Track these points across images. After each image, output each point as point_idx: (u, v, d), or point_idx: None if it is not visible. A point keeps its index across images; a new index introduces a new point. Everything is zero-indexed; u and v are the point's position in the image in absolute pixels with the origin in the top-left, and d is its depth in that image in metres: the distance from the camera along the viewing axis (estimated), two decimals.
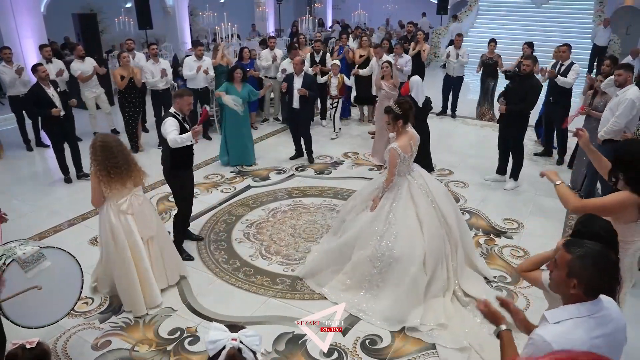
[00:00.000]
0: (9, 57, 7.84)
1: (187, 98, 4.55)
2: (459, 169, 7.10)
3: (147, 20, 13.76)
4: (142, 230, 3.95)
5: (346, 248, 4.26)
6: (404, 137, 4.11)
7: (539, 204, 5.95)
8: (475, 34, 18.16)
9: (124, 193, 3.84)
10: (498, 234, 5.28)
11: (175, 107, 4.58)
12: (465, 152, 7.83)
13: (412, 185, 4.16)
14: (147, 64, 7.87)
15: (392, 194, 4.17)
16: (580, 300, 1.85)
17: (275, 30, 19.14)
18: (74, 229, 5.50)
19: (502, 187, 6.44)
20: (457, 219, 4.32)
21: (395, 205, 4.12)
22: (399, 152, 4.03)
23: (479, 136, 8.77)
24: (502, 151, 6.47)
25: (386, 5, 20.58)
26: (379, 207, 4.19)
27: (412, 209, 4.09)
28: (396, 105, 4.12)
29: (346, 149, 8.03)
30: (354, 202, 4.62)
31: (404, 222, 4.04)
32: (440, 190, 4.36)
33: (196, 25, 18.71)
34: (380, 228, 4.07)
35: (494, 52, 9.10)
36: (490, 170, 6.86)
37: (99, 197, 3.80)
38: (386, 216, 4.10)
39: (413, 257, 3.93)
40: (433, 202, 4.15)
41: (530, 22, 17.57)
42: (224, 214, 5.77)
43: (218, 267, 4.71)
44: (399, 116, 4.08)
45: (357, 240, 4.19)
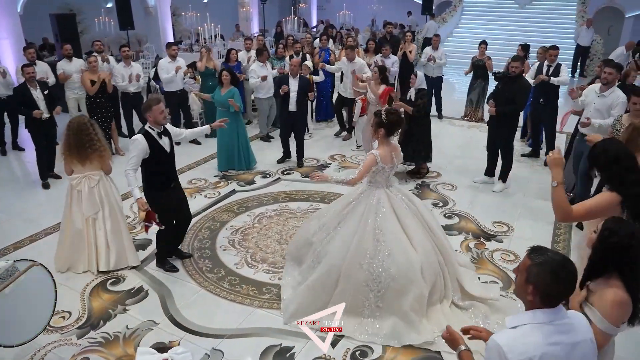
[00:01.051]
0: None
1: (156, 108, 4.01)
2: (447, 171, 7.02)
3: (129, 20, 13.46)
4: (85, 208, 4.51)
5: (329, 277, 3.83)
6: (385, 147, 3.88)
7: (528, 206, 5.89)
8: (459, 35, 18.21)
9: (81, 171, 4.50)
10: (488, 237, 5.19)
11: (150, 122, 4.09)
12: (452, 154, 7.76)
13: (393, 198, 3.93)
14: (118, 67, 7.63)
15: (373, 208, 3.86)
16: (538, 307, 1.86)
17: (259, 31, 18.96)
18: (50, 239, 5.27)
19: (491, 189, 6.37)
20: (439, 227, 4.21)
21: (380, 220, 3.81)
22: (378, 160, 3.79)
23: (465, 137, 8.72)
24: (491, 153, 6.41)
25: (371, 6, 20.51)
26: (362, 225, 3.83)
27: (397, 223, 3.85)
28: (385, 113, 3.89)
29: (332, 151, 7.91)
30: (320, 221, 4.22)
31: (394, 237, 3.77)
32: (420, 201, 4.23)
33: (179, 26, 18.42)
34: (370, 247, 3.74)
35: (484, 53, 9.06)
36: (478, 172, 6.80)
37: (67, 169, 4.57)
38: (373, 233, 3.77)
39: (412, 272, 3.69)
40: (417, 214, 3.97)
41: (514, 22, 17.68)
42: (208, 220, 5.60)
43: (202, 276, 4.54)
44: (383, 125, 3.84)
45: (343, 266, 3.79)
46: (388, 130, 3.85)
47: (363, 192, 3.97)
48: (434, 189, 6.42)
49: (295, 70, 6.95)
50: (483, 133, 8.75)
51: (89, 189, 4.49)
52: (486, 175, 6.55)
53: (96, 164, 4.51)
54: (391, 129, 3.86)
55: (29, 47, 8.08)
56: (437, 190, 6.38)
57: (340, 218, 4.01)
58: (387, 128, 3.84)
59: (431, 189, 6.42)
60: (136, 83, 7.54)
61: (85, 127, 4.40)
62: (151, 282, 4.45)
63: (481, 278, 4.44)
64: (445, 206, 5.93)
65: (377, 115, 3.92)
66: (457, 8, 18.83)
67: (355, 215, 3.91)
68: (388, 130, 3.85)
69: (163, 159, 4.17)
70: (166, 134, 4.23)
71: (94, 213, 4.52)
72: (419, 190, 6.37)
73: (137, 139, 4.03)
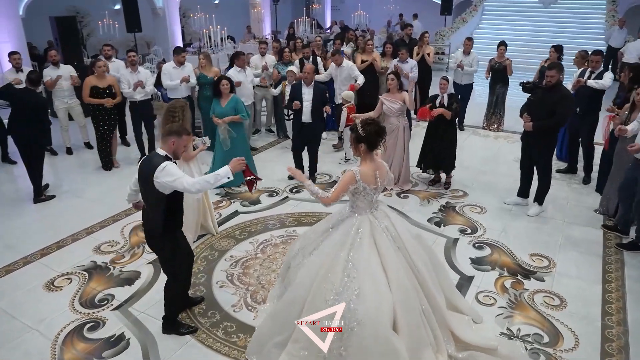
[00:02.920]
0: None
1: (186, 138, 3.39)
2: (474, 190, 6.30)
3: (136, 22, 13.00)
4: None
5: (292, 308, 3.35)
6: (369, 164, 3.34)
7: (570, 235, 5.15)
8: (480, 36, 17.41)
9: None
10: (526, 274, 4.47)
11: (167, 148, 3.33)
12: (478, 169, 7.03)
13: (375, 228, 3.37)
14: (124, 74, 7.06)
15: (349, 238, 3.34)
16: None
17: (271, 33, 18.38)
18: (29, 268, 4.70)
19: (525, 212, 5.64)
20: (431, 265, 3.58)
21: (354, 253, 3.28)
22: (357, 178, 3.26)
23: (492, 149, 7.98)
24: (525, 172, 5.68)
25: (387, 6, 19.75)
26: (333, 255, 3.32)
27: (375, 257, 3.29)
28: (361, 125, 3.32)
29: (345, 165, 7.23)
30: (302, 242, 3.71)
31: (367, 274, 3.20)
32: (410, 234, 3.56)
33: (189, 28, 17.93)
34: (337, 282, 3.20)
35: (503, 55, 8.33)
36: (508, 191, 6.08)
37: None
38: (344, 266, 3.25)
39: (381, 318, 3.11)
40: (401, 248, 3.39)
41: (538, 23, 16.83)
42: (205, 249, 4.97)
43: (194, 320, 3.90)
44: (361, 139, 3.30)
45: (307, 299, 3.28)
46: (370, 144, 3.31)
47: (344, 219, 3.47)
48: (460, 212, 5.71)
49: (309, 78, 6.29)
50: (511, 144, 8.11)
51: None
52: (519, 197, 5.83)
53: None
54: (373, 142, 3.32)
55: (15, 52, 7.57)
56: (464, 214, 5.67)
57: (316, 244, 3.54)
58: (368, 142, 3.30)
59: (457, 212, 5.72)
60: (142, 90, 6.95)
61: (174, 109, 4.51)
62: (134, 328, 3.83)
63: (522, 329, 3.75)
64: (474, 233, 5.22)
65: (353, 130, 3.36)
66: (477, 8, 18.01)
67: (329, 243, 3.43)
68: (370, 144, 3.31)
69: (180, 195, 3.45)
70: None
71: None
72: (443, 214, 5.67)
73: (168, 163, 3.24)
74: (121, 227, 5.42)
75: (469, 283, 4.35)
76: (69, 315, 4.00)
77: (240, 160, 3.32)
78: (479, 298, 4.13)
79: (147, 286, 4.37)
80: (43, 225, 5.52)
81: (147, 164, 3.30)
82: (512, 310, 3.97)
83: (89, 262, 4.77)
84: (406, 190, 6.28)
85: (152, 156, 3.35)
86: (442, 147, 6.09)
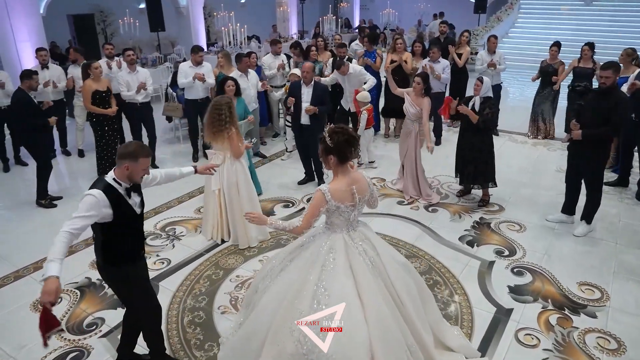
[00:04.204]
0: None
1: (143, 162, 2.79)
2: (511, 205, 5.65)
3: (159, 21, 12.78)
4: (213, 181, 4.77)
5: (254, 337, 2.92)
6: (341, 180, 2.91)
7: (625, 260, 4.47)
8: (516, 35, 16.58)
9: (214, 147, 4.73)
10: (575, 309, 3.83)
11: (120, 173, 2.78)
12: (516, 180, 6.37)
13: (351, 250, 2.93)
14: (121, 74, 6.64)
15: (321, 258, 2.90)
16: None
17: (297, 32, 17.96)
18: (19, 285, 4.33)
19: (571, 232, 4.97)
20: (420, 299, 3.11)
21: (326, 275, 2.84)
22: (328, 197, 2.83)
23: (531, 158, 7.28)
24: (572, 186, 5.02)
25: (418, 4, 19.03)
26: (302, 278, 2.88)
27: (351, 283, 2.84)
28: (329, 134, 2.87)
29: (370, 173, 6.68)
30: (273, 263, 3.25)
31: (340, 301, 2.75)
32: (394, 261, 3.08)
33: (214, 27, 17.67)
34: (306, 310, 2.76)
35: (556, 57, 7.60)
36: (551, 206, 5.44)
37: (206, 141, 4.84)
38: (313, 291, 2.80)
39: (354, 354, 2.66)
40: (382, 275, 2.94)
41: (579, 21, 15.87)
42: (210, 266, 4.51)
43: (188, 354, 3.43)
44: (330, 150, 2.87)
45: (270, 329, 2.85)
46: (340, 155, 2.88)
47: (316, 236, 3.05)
48: (496, 230, 5.09)
49: (308, 77, 5.84)
50: (552, 153, 7.40)
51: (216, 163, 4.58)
52: (564, 213, 5.16)
53: (223, 144, 4.63)
54: (344, 152, 2.88)
55: (42, 48, 7.33)
56: (500, 232, 5.04)
57: (284, 265, 3.10)
58: (337, 153, 2.87)
59: (493, 230, 5.09)
60: (143, 92, 6.56)
61: (219, 106, 4.52)
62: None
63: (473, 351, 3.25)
64: (512, 256, 4.59)
65: (321, 141, 2.91)
66: (513, 6, 17.16)
67: (297, 264, 3.01)
68: (340, 155, 2.88)
69: (130, 223, 2.89)
70: (137, 189, 2.92)
71: (216, 188, 4.76)
72: (477, 231, 5.06)
73: (92, 196, 2.67)
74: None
75: (507, 317, 3.74)
76: (52, 342, 3.52)
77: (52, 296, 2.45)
78: (519, 337, 3.53)
79: None
80: (41, 235, 5.15)
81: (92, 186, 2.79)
82: (559, 354, 3.35)
83: (83, 278, 4.37)
84: (435, 203, 5.69)
85: (98, 179, 2.85)
86: (477, 158, 5.40)
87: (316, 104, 5.82)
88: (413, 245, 4.80)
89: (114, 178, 2.78)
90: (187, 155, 7.51)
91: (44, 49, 7.31)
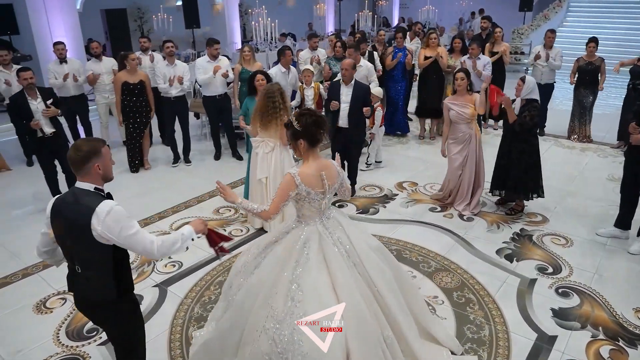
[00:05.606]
0: (6, 61, 6.72)
1: (106, 150, 2.35)
2: (556, 215, 5.12)
3: (195, 18, 12.73)
4: (258, 171, 4.71)
5: (230, 336, 2.83)
6: (311, 164, 2.83)
7: None
8: (565, 34, 15.69)
9: (262, 135, 4.66)
10: (632, 340, 3.32)
11: (93, 177, 2.30)
12: (562, 188, 5.80)
13: (325, 241, 2.83)
14: (160, 67, 6.50)
15: (295, 253, 2.80)
16: None
17: (334, 31, 17.65)
18: (25, 283, 4.16)
19: (625, 249, 4.42)
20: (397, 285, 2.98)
21: (300, 271, 2.74)
22: (297, 181, 2.73)
23: (579, 164, 6.66)
24: (628, 196, 4.46)
25: (460, 2, 18.34)
26: (275, 275, 2.78)
27: (325, 277, 2.75)
28: (296, 117, 2.78)
29: (401, 176, 6.25)
30: (246, 258, 3.08)
31: (315, 298, 2.66)
32: (369, 247, 2.97)
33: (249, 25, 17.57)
34: (280, 307, 2.67)
35: (594, 54, 7.00)
36: (602, 218, 4.89)
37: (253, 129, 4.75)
38: (287, 288, 2.71)
39: (331, 351, 2.54)
40: (357, 265, 2.86)
41: (633, 19, 14.87)
42: (223, 272, 4.21)
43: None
44: (299, 134, 2.77)
45: (244, 328, 2.76)
46: (310, 138, 2.79)
47: (289, 231, 2.94)
48: (539, 243, 4.58)
49: (348, 75, 5.35)
50: (603, 159, 6.78)
51: (262, 154, 4.68)
52: (617, 228, 4.60)
53: (275, 132, 4.59)
54: (313, 135, 2.79)
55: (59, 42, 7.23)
56: (543, 246, 4.53)
57: (258, 262, 2.97)
58: (307, 136, 2.78)
59: (535, 243, 4.59)
60: (179, 86, 6.37)
61: (273, 93, 4.47)
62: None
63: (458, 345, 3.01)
64: (556, 274, 4.09)
65: (287, 125, 2.85)
66: (562, 3, 16.26)
67: (271, 261, 2.90)
68: (310, 138, 2.79)
69: None
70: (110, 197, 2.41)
71: (263, 177, 4.68)
72: (517, 244, 4.57)
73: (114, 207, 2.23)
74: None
75: (549, 346, 3.27)
76: (49, 348, 3.37)
77: (202, 222, 2.54)
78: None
79: (147, 315, 3.67)
80: None
81: (71, 208, 2.25)
82: None
83: None
84: (476, 213, 5.21)
85: (77, 196, 2.28)
86: (518, 166, 4.88)
87: (357, 105, 5.34)
88: (444, 257, 4.36)
89: (96, 188, 2.31)
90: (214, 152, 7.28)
91: (61, 42, 7.22)
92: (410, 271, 4.12)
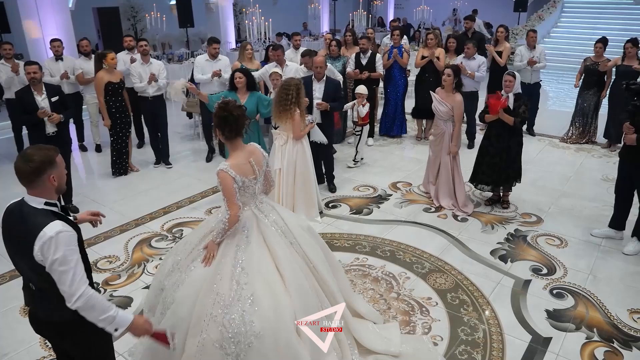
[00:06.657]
0: (9, 54, 6.67)
1: (60, 159, 2.16)
2: (551, 216, 5.10)
3: (188, 17, 12.66)
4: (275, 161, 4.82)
5: (177, 334, 2.68)
6: (238, 154, 2.90)
7: None
8: (559, 35, 15.75)
9: (280, 127, 4.87)
10: (626, 341, 3.30)
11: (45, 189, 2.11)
12: (557, 189, 5.78)
13: (262, 223, 2.94)
14: (134, 66, 6.39)
15: (234, 237, 2.86)
16: None
17: (328, 31, 17.60)
18: (13, 285, 4.08)
19: (620, 249, 4.40)
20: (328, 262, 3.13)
21: (242, 254, 2.80)
22: (232, 173, 2.78)
23: (574, 165, 6.65)
24: (623, 196, 4.45)
25: (455, 2, 18.34)
26: (217, 262, 2.79)
27: (267, 257, 2.84)
28: (217, 109, 2.86)
29: (395, 177, 6.21)
30: (174, 258, 3.05)
31: (260, 278, 2.72)
32: (301, 227, 3.09)
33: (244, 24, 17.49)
34: (226, 292, 2.68)
35: (602, 55, 6.99)
36: (597, 219, 4.88)
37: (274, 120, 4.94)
38: (231, 272, 2.74)
39: (282, 323, 2.65)
40: (294, 244, 2.97)
41: (627, 20, 14.91)
42: None
43: None
44: (221, 124, 2.85)
45: (190, 320, 2.69)
46: (232, 128, 2.84)
47: (223, 219, 2.86)
48: (533, 244, 4.56)
49: (320, 72, 5.52)
50: (597, 159, 6.77)
51: (277, 146, 4.90)
52: (612, 228, 4.59)
53: (287, 125, 4.76)
54: (235, 124, 2.83)
55: (56, 39, 7.15)
56: (538, 247, 4.51)
57: (195, 255, 2.94)
58: (229, 126, 2.83)
59: (529, 244, 4.56)
60: (155, 84, 6.30)
61: (288, 86, 4.63)
62: None
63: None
64: (551, 275, 4.06)
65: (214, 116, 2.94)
66: (556, 4, 16.29)
67: None
68: (232, 128, 2.84)
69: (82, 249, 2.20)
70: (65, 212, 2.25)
71: (277, 168, 4.81)
72: (511, 245, 4.54)
73: (61, 232, 2.01)
74: (126, 240, 4.74)
75: (544, 348, 3.24)
76: (36, 352, 3.30)
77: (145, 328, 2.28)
78: None
79: None
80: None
81: (18, 227, 2.08)
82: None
83: None
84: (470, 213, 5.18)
85: (24, 214, 2.09)
86: (504, 159, 4.96)
87: (328, 100, 5.51)
88: (438, 258, 4.33)
89: (46, 202, 2.11)
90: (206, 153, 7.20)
91: (57, 39, 7.13)
92: (404, 272, 4.09)
